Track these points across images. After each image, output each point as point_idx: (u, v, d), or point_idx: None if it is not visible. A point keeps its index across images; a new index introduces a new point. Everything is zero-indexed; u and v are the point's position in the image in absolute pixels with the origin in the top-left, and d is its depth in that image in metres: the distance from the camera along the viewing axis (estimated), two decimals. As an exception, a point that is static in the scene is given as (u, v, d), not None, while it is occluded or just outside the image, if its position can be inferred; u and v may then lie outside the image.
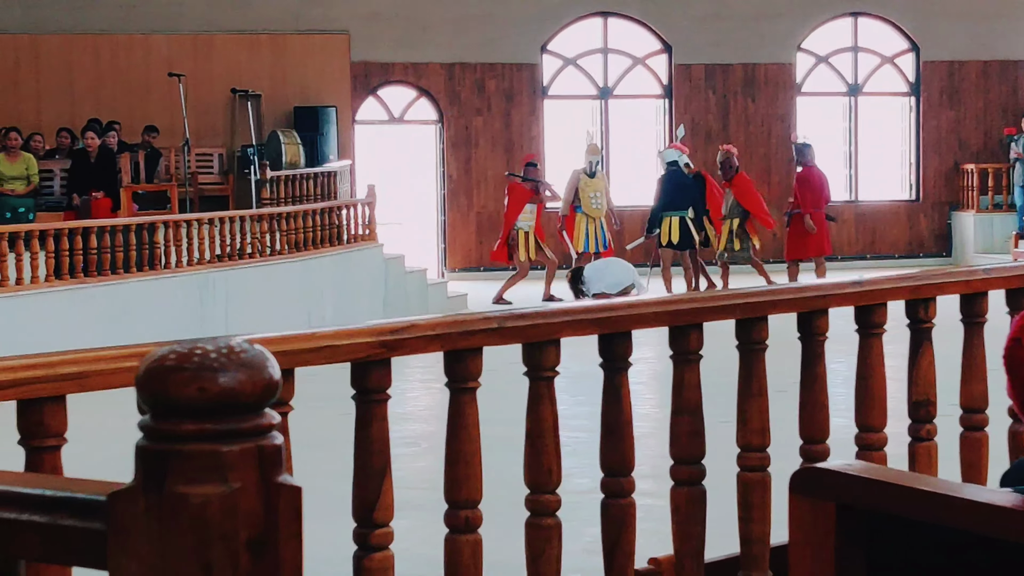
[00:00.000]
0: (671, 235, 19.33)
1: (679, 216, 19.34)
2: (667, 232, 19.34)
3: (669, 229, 19.34)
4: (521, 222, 20.29)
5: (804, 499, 2.21)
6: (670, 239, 19.33)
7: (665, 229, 19.35)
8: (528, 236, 20.22)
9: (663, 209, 19.44)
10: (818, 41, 26.03)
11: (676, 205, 19.38)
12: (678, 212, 19.35)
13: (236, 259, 16.54)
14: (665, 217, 19.38)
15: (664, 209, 19.43)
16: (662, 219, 19.40)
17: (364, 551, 3.75)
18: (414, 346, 3.73)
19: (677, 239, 19.33)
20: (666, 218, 19.37)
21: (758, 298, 4.47)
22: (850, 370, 4.92)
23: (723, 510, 4.66)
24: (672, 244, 19.37)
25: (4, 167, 18.34)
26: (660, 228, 19.40)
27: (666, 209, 19.41)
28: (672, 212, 19.36)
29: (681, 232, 19.31)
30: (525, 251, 20.19)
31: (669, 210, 19.38)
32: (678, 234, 19.31)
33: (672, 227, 19.33)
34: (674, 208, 19.37)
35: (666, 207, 19.42)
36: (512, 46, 24.71)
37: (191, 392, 1.37)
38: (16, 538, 1.47)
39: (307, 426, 5.20)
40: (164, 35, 23.17)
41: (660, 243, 19.45)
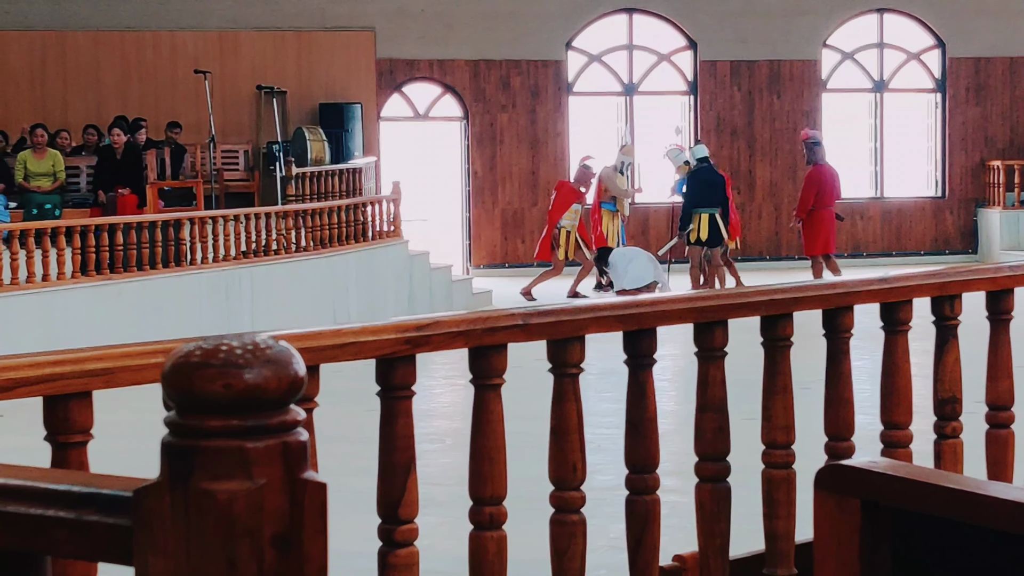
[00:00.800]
0: (700, 232, 19.23)
1: (709, 213, 19.23)
2: (697, 229, 19.24)
3: (699, 226, 19.23)
4: (564, 221, 20.30)
5: (829, 496, 2.21)
6: (699, 236, 19.24)
7: (696, 226, 19.23)
8: (569, 235, 20.25)
9: (694, 205, 19.31)
10: (844, 37, 25.97)
11: (707, 202, 19.26)
12: (708, 209, 19.24)
13: (261, 256, 16.56)
14: (695, 214, 19.27)
15: (695, 206, 19.31)
16: (692, 216, 19.31)
17: (389, 547, 3.75)
18: (439, 343, 3.73)
19: (707, 236, 19.23)
20: (696, 215, 19.27)
21: (783, 295, 4.46)
22: (875, 367, 4.91)
23: (748, 507, 4.66)
24: (701, 241, 19.26)
25: (31, 164, 18.41)
26: (691, 225, 19.28)
27: (697, 206, 19.28)
28: (703, 209, 19.25)
29: (711, 229, 19.20)
30: (564, 250, 20.20)
31: (700, 207, 19.26)
32: (707, 231, 19.21)
33: (702, 224, 19.22)
34: (705, 205, 19.25)
35: (697, 203, 19.30)
36: (537, 43, 24.70)
37: (217, 388, 1.37)
38: (42, 534, 1.47)
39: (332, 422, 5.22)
40: (191, 32, 23.22)
41: (689, 240, 19.35)
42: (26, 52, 22.70)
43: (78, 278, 14.48)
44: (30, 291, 13.94)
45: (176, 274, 15.43)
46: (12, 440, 7.09)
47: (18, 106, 22.26)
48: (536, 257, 21.23)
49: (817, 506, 2.23)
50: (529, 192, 24.80)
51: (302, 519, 1.39)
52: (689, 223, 19.27)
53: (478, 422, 3.88)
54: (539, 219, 24.56)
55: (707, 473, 4.35)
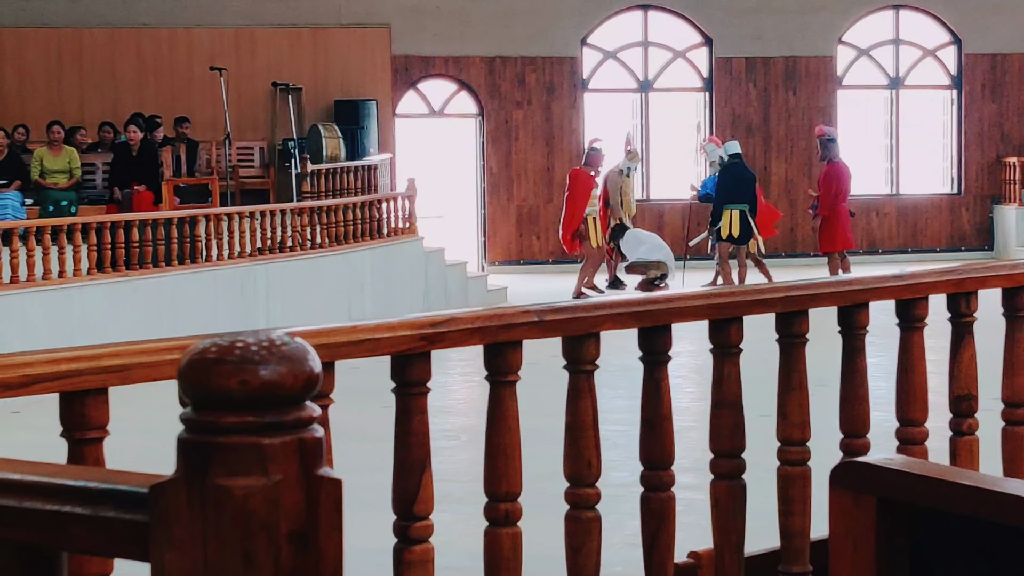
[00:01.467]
0: (731, 228, 19.09)
1: (739, 209, 19.09)
2: (728, 225, 19.11)
3: (730, 222, 19.10)
4: (589, 209, 20.10)
5: (845, 493, 2.21)
6: (730, 232, 19.11)
7: (726, 222, 19.07)
8: (596, 223, 20.00)
9: (724, 202, 19.15)
10: (859, 34, 25.93)
11: (737, 198, 19.11)
12: (739, 205, 19.09)
13: (277, 252, 16.59)
14: (726, 210, 19.14)
15: (725, 202, 19.16)
16: (722, 212, 19.21)
17: (404, 544, 3.75)
18: (454, 339, 3.73)
19: (738, 232, 19.09)
20: (727, 211, 19.14)
21: (798, 292, 4.45)
22: (891, 364, 4.90)
23: (763, 504, 4.65)
24: (732, 238, 19.11)
25: (47, 161, 18.45)
26: (722, 221, 19.15)
27: (727, 202, 19.12)
28: (733, 205, 19.13)
29: (741, 225, 19.07)
30: (595, 238, 19.96)
31: (730, 203, 19.11)
32: (739, 227, 19.07)
33: (733, 220, 19.08)
34: (735, 201, 19.09)
35: (727, 200, 19.15)
36: (552, 39, 24.70)
37: (233, 385, 1.38)
38: (59, 530, 1.48)
39: (348, 419, 5.22)
40: (206, 29, 23.25)
41: (720, 237, 19.23)
42: (43, 49, 22.75)
43: (94, 275, 14.52)
44: (46, 288, 13.97)
45: (192, 271, 15.45)
46: (29, 436, 7.10)
47: (35, 103, 22.31)
48: (568, 251, 20.82)
49: (833, 503, 2.23)
50: (544, 189, 24.79)
51: (318, 515, 1.39)
52: (720, 219, 19.18)
53: (493, 419, 3.88)
54: (555, 216, 24.56)
55: (722, 470, 4.35)
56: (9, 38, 22.72)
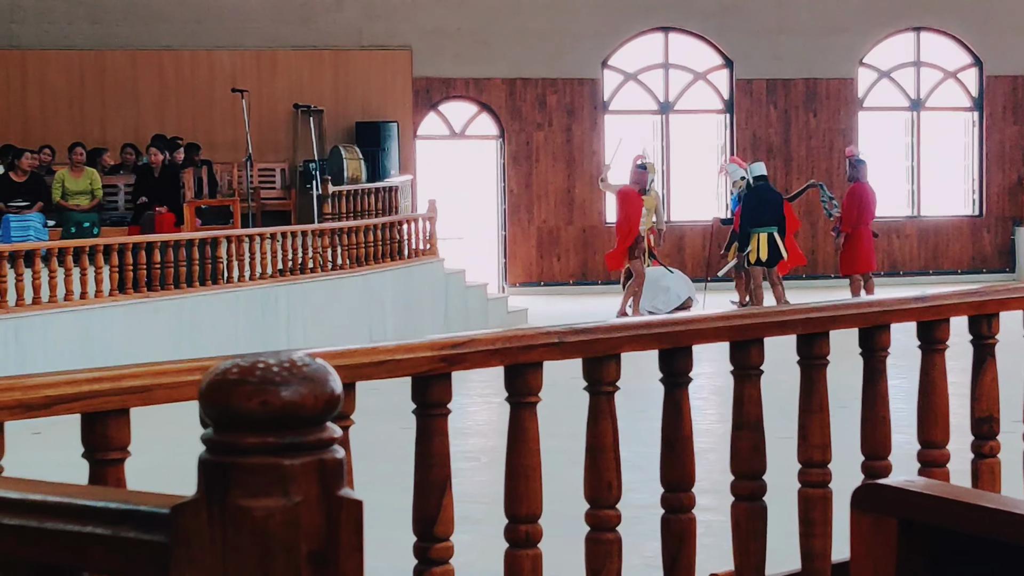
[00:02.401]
0: (759, 252, 18.96)
1: (767, 232, 18.94)
2: (756, 249, 18.96)
3: (758, 246, 18.96)
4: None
5: (866, 515, 2.20)
6: (759, 256, 19.03)
7: (754, 246, 18.91)
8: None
9: (751, 225, 18.97)
10: (880, 56, 25.91)
11: (764, 221, 18.92)
12: (766, 228, 18.92)
13: (298, 274, 16.61)
14: (754, 234, 18.96)
15: (752, 225, 18.98)
16: (751, 236, 19.05)
17: (424, 565, 3.75)
18: (475, 360, 3.73)
19: (766, 256, 18.95)
20: (755, 235, 18.94)
21: (819, 313, 4.45)
22: (912, 386, 4.89)
23: (784, 526, 4.64)
24: (761, 261, 18.97)
25: (69, 182, 18.51)
26: (750, 246, 18.99)
27: (755, 225, 18.94)
28: (761, 228, 18.93)
29: (770, 248, 18.94)
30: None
31: (757, 226, 18.92)
32: (767, 251, 18.92)
33: (761, 244, 18.93)
34: (762, 224, 18.88)
35: (755, 223, 18.97)
36: (573, 61, 24.72)
37: (254, 405, 1.38)
38: (80, 550, 1.48)
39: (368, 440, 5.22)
40: (228, 51, 23.32)
41: (749, 261, 19.03)
42: (65, 71, 22.84)
43: (116, 296, 14.55)
44: (68, 309, 14.01)
45: (213, 292, 15.48)
46: (50, 456, 7.12)
47: (57, 124, 22.40)
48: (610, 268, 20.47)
49: (854, 525, 2.22)
50: (565, 210, 24.80)
51: (338, 536, 1.39)
52: (747, 244, 18.99)
53: (514, 440, 3.88)
54: (575, 237, 24.56)
55: (743, 492, 4.34)
56: (32, 60, 22.82)
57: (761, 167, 19.68)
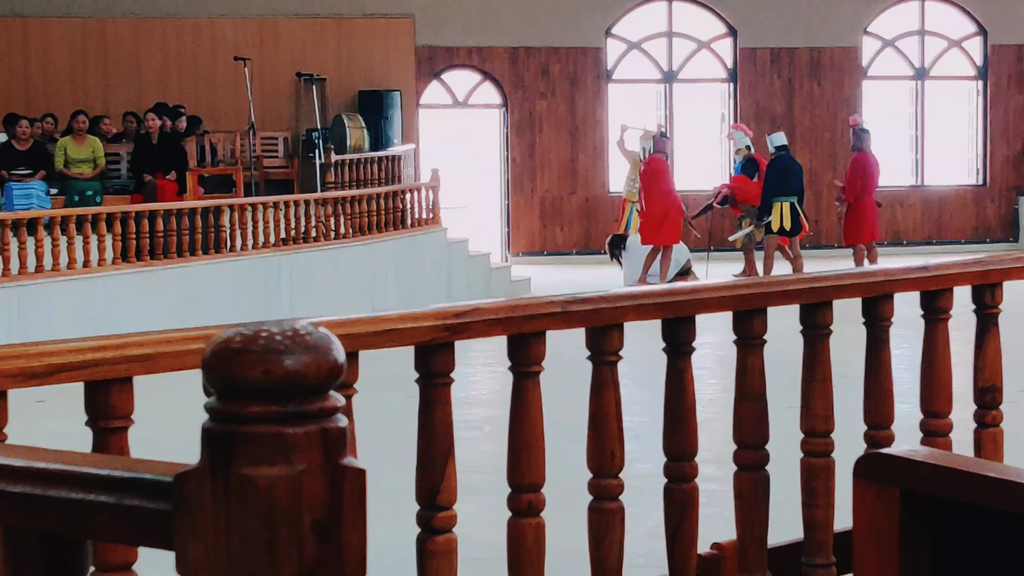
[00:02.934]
0: (783, 221, 18.93)
1: (790, 201, 18.94)
2: (779, 218, 18.93)
3: (781, 215, 18.93)
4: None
5: (869, 485, 2.21)
6: (782, 225, 18.99)
7: (776, 215, 18.87)
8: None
9: (775, 194, 18.95)
10: (884, 25, 25.85)
11: (787, 190, 18.95)
12: (788, 197, 18.93)
13: (301, 243, 16.61)
14: (776, 203, 18.96)
15: (776, 194, 18.96)
16: (772, 205, 19.01)
17: (427, 534, 3.75)
18: (477, 330, 3.73)
19: (789, 225, 18.93)
20: (776, 204, 18.95)
21: (823, 283, 4.44)
22: (915, 355, 4.89)
23: (786, 496, 4.65)
24: (784, 231, 18.96)
25: (71, 150, 18.49)
26: (771, 215, 18.96)
27: (778, 194, 18.94)
28: (784, 198, 18.94)
29: (792, 218, 18.93)
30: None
31: (780, 195, 18.92)
32: (790, 220, 18.91)
33: (784, 213, 18.91)
34: (785, 193, 18.91)
35: (777, 192, 18.96)
36: (577, 30, 24.66)
37: (256, 374, 1.38)
38: (84, 518, 1.48)
39: (371, 409, 5.22)
40: (230, 19, 23.27)
41: (770, 230, 18.99)
42: (67, 39, 22.80)
43: (118, 264, 14.55)
44: (71, 277, 14.01)
45: (216, 261, 15.48)
46: (53, 425, 7.13)
47: (60, 93, 22.36)
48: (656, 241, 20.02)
49: (856, 495, 2.22)
50: (568, 180, 24.77)
51: (341, 505, 1.39)
52: (768, 212, 18.93)
53: (516, 409, 3.88)
54: (578, 207, 24.54)
55: (746, 461, 4.34)
56: (34, 28, 22.77)
57: (781, 137, 19.62)
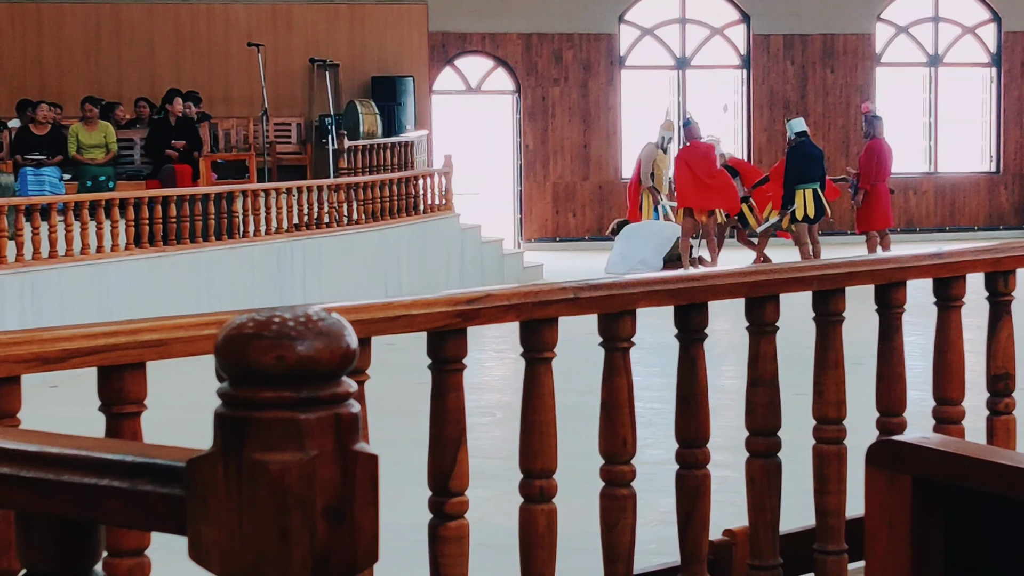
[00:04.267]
0: (807, 208, 18.90)
1: (812, 188, 18.89)
2: (803, 206, 18.85)
3: (805, 202, 18.87)
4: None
5: (881, 472, 2.21)
6: (806, 213, 18.96)
7: (800, 203, 18.80)
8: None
9: (797, 181, 18.86)
10: (898, 11, 25.79)
11: (809, 177, 18.89)
12: (811, 184, 18.85)
13: (314, 228, 16.61)
14: (799, 191, 18.86)
15: (798, 182, 18.86)
16: (795, 193, 18.96)
17: (439, 520, 3.76)
18: (490, 316, 3.73)
19: (813, 212, 18.90)
20: (799, 191, 18.86)
21: (835, 270, 4.44)
22: (928, 342, 4.89)
23: (798, 482, 4.65)
24: (809, 218, 18.95)
25: (83, 136, 18.51)
26: (795, 203, 18.90)
27: (800, 181, 18.83)
28: (806, 184, 18.87)
29: (816, 205, 18.89)
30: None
31: (803, 182, 18.83)
32: (814, 207, 18.87)
33: (808, 200, 18.86)
34: (807, 180, 18.82)
35: (799, 180, 18.86)
36: (589, 16, 24.63)
37: (269, 360, 1.38)
38: (97, 503, 1.49)
39: (384, 395, 5.23)
40: (243, 5, 23.26)
41: (795, 218, 18.96)
42: (81, 24, 22.80)
43: (132, 250, 14.56)
44: (84, 263, 14.03)
45: (229, 246, 15.49)
46: (66, 410, 7.14)
47: (73, 78, 22.38)
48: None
49: (868, 482, 2.22)
50: (581, 166, 24.75)
51: (354, 490, 1.40)
52: (792, 201, 18.88)
53: (529, 395, 3.88)
54: (591, 193, 24.53)
55: (758, 448, 4.34)
56: (48, 13, 22.78)
57: (801, 123, 19.51)
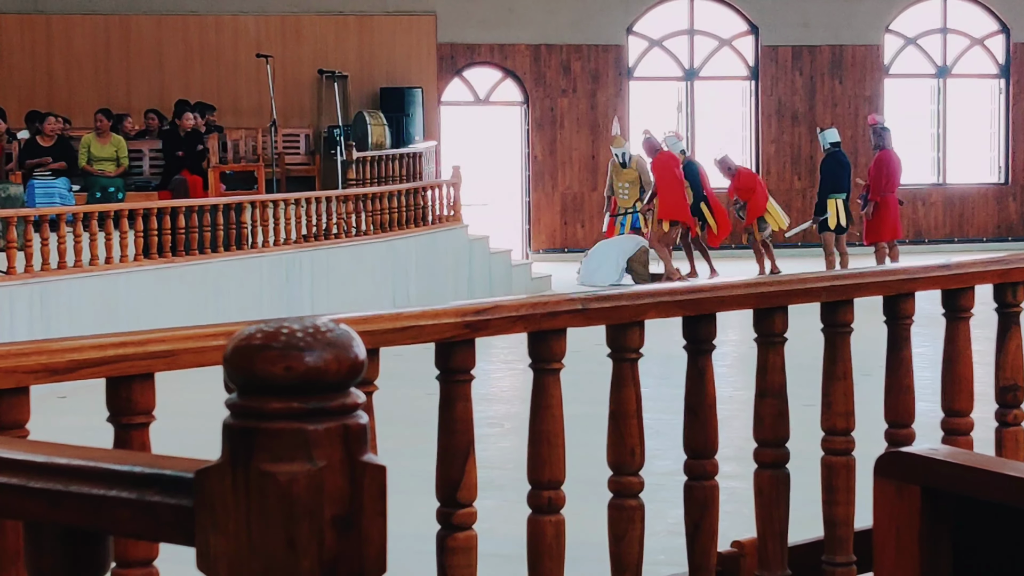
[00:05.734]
0: (839, 218, 18.87)
1: (842, 198, 18.91)
2: (835, 215, 18.76)
3: (836, 212, 18.85)
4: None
5: (889, 483, 2.20)
6: (838, 222, 18.88)
7: (833, 212, 18.74)
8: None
9: (831, 191, 18.84)
10: (906, 22, 25.79)
11: (842, 187, 18.88)
12: (840, 194, 18.83)
13: (322, 239, 16.62)
14: (831, 200, 18.81)
15: (831, 191, 18.82)
16: (827, 202, 18.84)
17: (448, 530, 3.76)
18: (498, 327, 3.73)
19: (845, 222, 18.89)
20: (832, 200, 18.82)
21: (844, 281, 4.44)
22: (936, 354, 4.88)
23: (807, 493, 4.64)
24: (841, 228, 18.88)
25: (95, 148, 18.56)
26: (828, 211, 18.86)
27: (833, 191, 18.81)
28: (838, 195, 18.84)
29: (847, 215, 18.89)
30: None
31: (835, 192, 18.81)
32: (845, 217, 18.87)
33: (839, 210, 18.85)
34: (840, 190, 18.83)
35: (833, 189, 18.83)
36: (598, 27, 24.65)
37: (278, 370, 1.38)
38: (105, 513, 1.49)
39: (392, 405, 5.23)
40: (253, 16, 23.31)
41: (827, 227, 18.90)
42: (90, 36, 22.86)
43: (141, 261, 14.57)
44: (93, 273, 14.04)
45: (237, 257, 15.50)
46: (75, 421, 7.15)
47: (83, 89, 22.43)
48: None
49: (877, 493, 2.22)
50: (589, 177, 24.76)
51: (362, 501, 1.40)
52: (824, 209, 18.82)
53: (537, 406, 3.88)
54: (599, 203, 24.52)
55: (766, 459, 4.34)
56: (58, 25, 22.84)
57: (835, 133, 19.49)
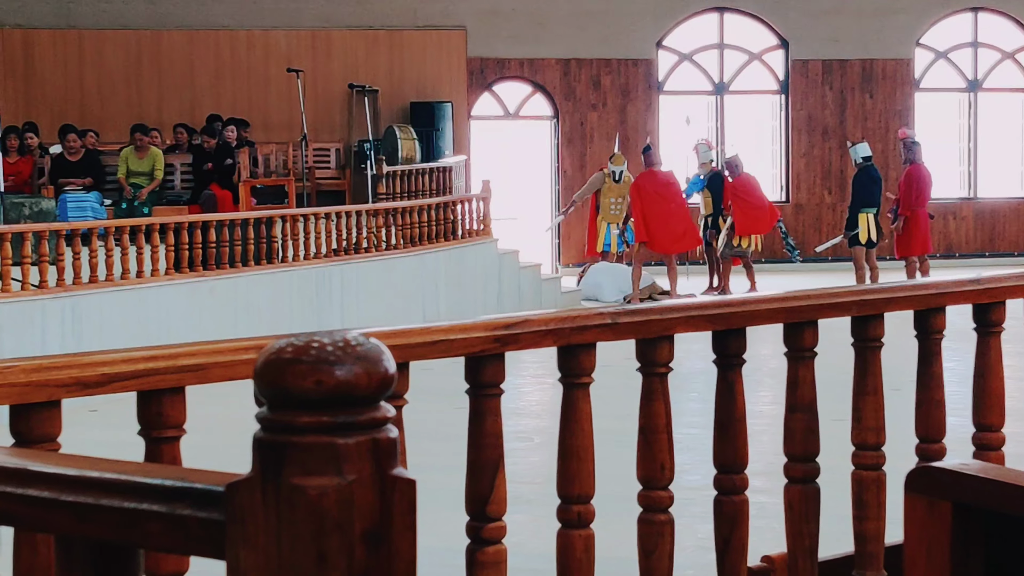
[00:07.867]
0: (870, 232, 18.79)
1: (873, 213, 18.88)
2: (866, 230, 18.71)
3: (868, 226, 18.81)
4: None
5: (920, 498, 2.20)
6: (869, 236, 18.81)
7: (864, 226, 18.75)
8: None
9: (863, 205, 18.78)
10: (937, 36, 25.73)
11: (873, 201, 18.84)
12: (871, 209, 18.80)
13: (352, 253, 16.64)
14: (863, 214, 18.76)
15: (863, 206, 18.76)
16: (859, 217, 18.78)
17: (477, 544, 3.76)
18: (528, 341, 3.73)
19: (876, 236, 18.88)
20: (863, 215, 18.76)
21: (875, 295, 4.43)
22: (967, 368, 4.87)
23: (837, 508, 4.63)
24: (872, 242, 18.80)
25: (132, 162, 18.67)
26: (859, 226, 18.82)
27: (865, 206, 18.75)
28: (868, 209, 18.79)
29: (877, 230, 18.84)
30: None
31: (867, 207, 18.75)
32: (876, 231, 18.82)
33: (870, 224, 18.80)
34: (871, 205, 18.80)
35: (865, 203, 18.77)
36: (628, 42, 24.65)
37: (308, 384, 1.39)
38: (136, 527, 1.49)
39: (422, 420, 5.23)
40: (284, 31, 23.37)
41: (859, 241, 18.83)
42: (122, 51, 22.96)
43: (171, 275, 14.61)
44: (124, 287, 14.08)
45: (268, 271, 15.53)
46: (106, 434, 7.17)
47: (114, 104, 22.52)
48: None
49: (907, 508, 2.22)
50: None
51: (392, 515, 1.40)
52: (856, 224, 18.77)
53: (566, 420, 3.88)
54: (629, 218, 24.49)
55: (796, 474, 4.33)
56: (89, 40, 22.94)
57: (866, 148, 19.43)
